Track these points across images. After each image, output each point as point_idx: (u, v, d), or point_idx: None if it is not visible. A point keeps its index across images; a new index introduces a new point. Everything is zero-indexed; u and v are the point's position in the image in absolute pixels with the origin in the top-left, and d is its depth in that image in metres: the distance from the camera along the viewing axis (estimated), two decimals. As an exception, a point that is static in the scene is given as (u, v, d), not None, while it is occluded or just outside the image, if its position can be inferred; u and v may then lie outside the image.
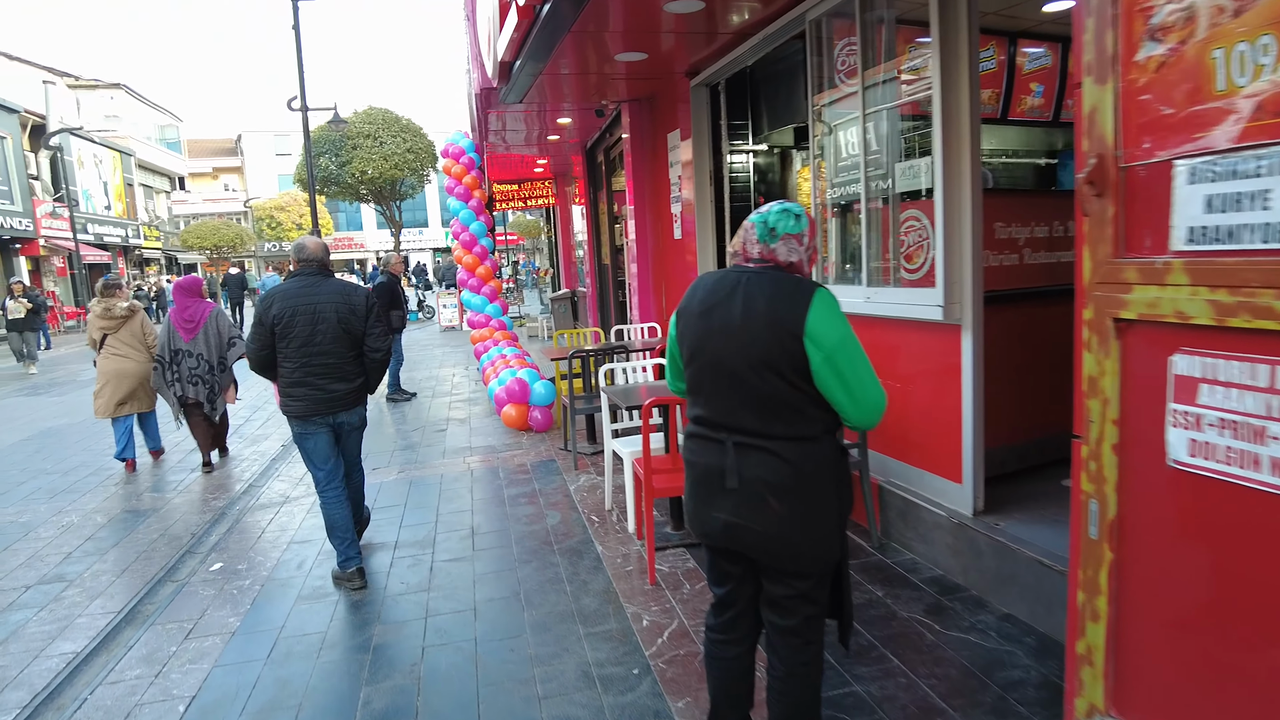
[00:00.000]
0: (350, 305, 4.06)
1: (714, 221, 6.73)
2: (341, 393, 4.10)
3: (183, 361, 6.50)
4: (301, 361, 3.97)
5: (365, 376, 4.23)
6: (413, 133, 21.92)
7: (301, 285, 4.04)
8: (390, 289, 9.46)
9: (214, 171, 55.90)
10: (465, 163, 11.49)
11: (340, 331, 4.01)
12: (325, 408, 4.08)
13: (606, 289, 11.51)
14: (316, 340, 3.97)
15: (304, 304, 3.97)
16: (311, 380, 4.01)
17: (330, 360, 4.02)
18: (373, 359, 4.18)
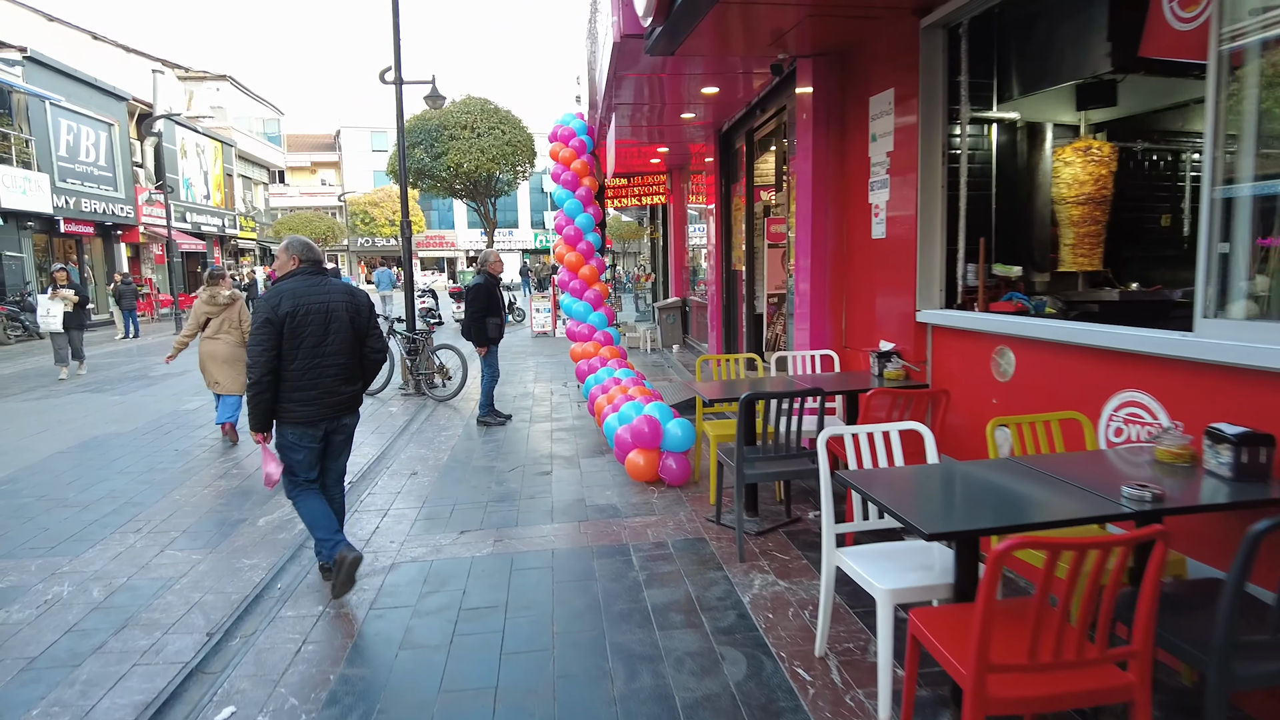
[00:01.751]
0: (356, 304, 4.07)
1: (943, 217, 4.82)
2: (349, 395, 4.09)
3: None
4: (314, 362, 3.90)
5: (364, 377, 4.21)
6: (511, 124, 20.60)
7: (310, 283, 3.97)
8: (487, 292, 7.86)
9: (312, 166, 56.70)
10: (575, 146, 9.83)
11: (350, 331, 4.01)
12: (333, 411, 4.02)
13: (735, 300, 9.66)
14: (329, 340, 3.92)
15: (317, 302, 3.91)
16: (324, 382, 3.94)
17: (342, 360, 4.00)
18: (372, 360, 4.22)
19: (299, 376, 3.85)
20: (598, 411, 7.04)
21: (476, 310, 7.77)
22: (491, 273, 8.00)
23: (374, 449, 7.37)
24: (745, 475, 4.33)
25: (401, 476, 6.36)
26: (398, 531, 5.06)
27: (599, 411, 6.98)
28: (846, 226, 5.78)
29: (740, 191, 9.06)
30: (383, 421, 8.66)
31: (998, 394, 4.28)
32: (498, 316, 7.92)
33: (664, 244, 14.91)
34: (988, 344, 4.33)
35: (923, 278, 4.84)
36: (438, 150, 19.54)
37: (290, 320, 3.81)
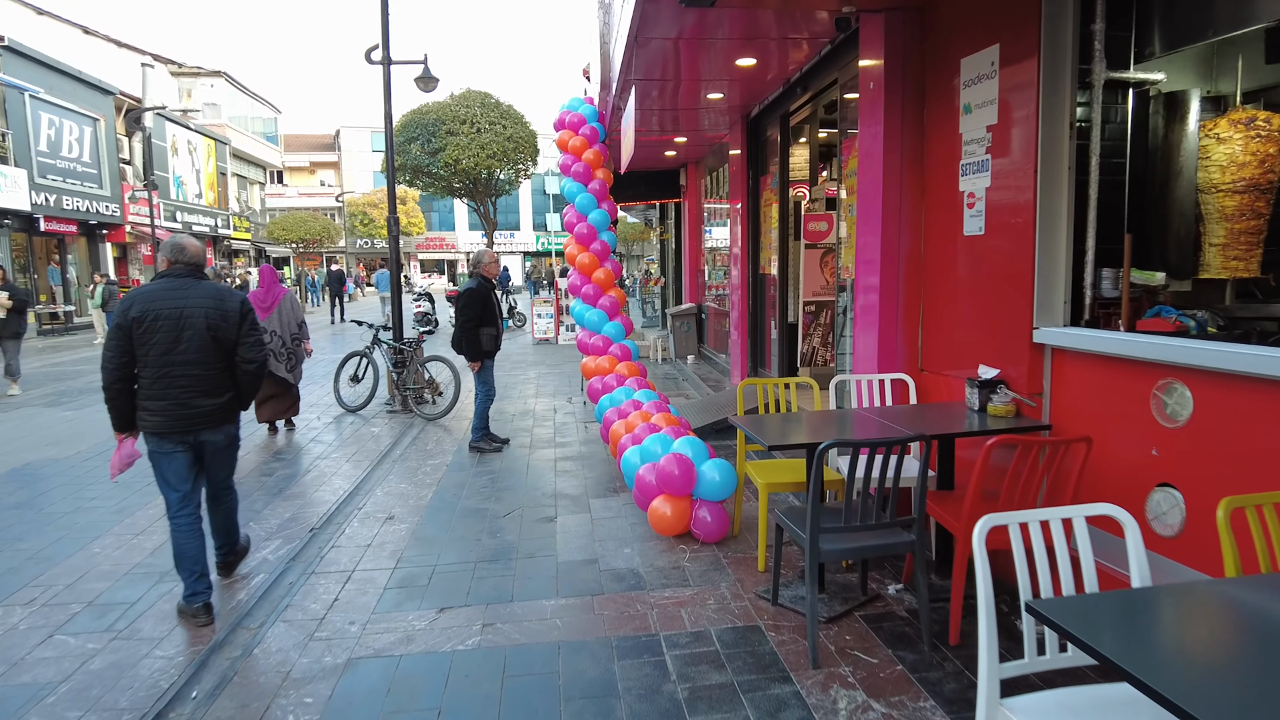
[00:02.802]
0: (223, 310, 3.82)
1: (1070, 208, 3.71)
2: (206, 409, 3.80)
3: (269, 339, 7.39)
4: (163, 371, 3.70)
5: (236, 391, 3.96)
6: (513, 120, 19.50)
7: (167, 287, 3.77)
8: (482, 297, 6.76)
9: (311, 166, 55.68)
10: (586, 134, 8.74)
11: (209, 340, 3.78)
12: (184, 425, 3.76)
13: (762, 307, 8.56)
14: (180, 348, 3.72)
15: (169, 307, 3.71)
16: (172, 393, 3.72)
17: (195, 371, 3.76)
18: (245, 370, 3.94)
19: (148, 385, 3.71)
20: (613, 440, 5.92)
21: (468, 319, 6.68)
22: (486, 275, 6.89)
23: (347, 481, 6.26)
24: (821, 551, 3.22)
25: (375, 522, 5.26)
26: (361, 606, 3.95)
27: (615, 440, 5.87)
28: (926, 220, 4.67)
29: (771, 185, 7.96)
30: (363, 444, 7.56)
31: (1161, 443, 3.17)
32: (493, 326, 6.82)
33: (676, 245, 13.81)
34: (1147, 375, 3.22)
35: (1042, 285, 3.73)
36: (435, 146, 18.44)
37: (138, 326, 3.65)
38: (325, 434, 8.09)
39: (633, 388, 6.50)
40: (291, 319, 7.79)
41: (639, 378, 6.78)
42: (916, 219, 4.71)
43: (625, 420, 5.79)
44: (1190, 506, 3.05)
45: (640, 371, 7.15)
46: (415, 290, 23.43)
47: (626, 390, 6.46)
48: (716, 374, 10.45)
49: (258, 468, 6.72)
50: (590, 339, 7.71)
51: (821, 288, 7.67)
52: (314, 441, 7.74)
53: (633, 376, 6.81)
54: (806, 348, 7.74)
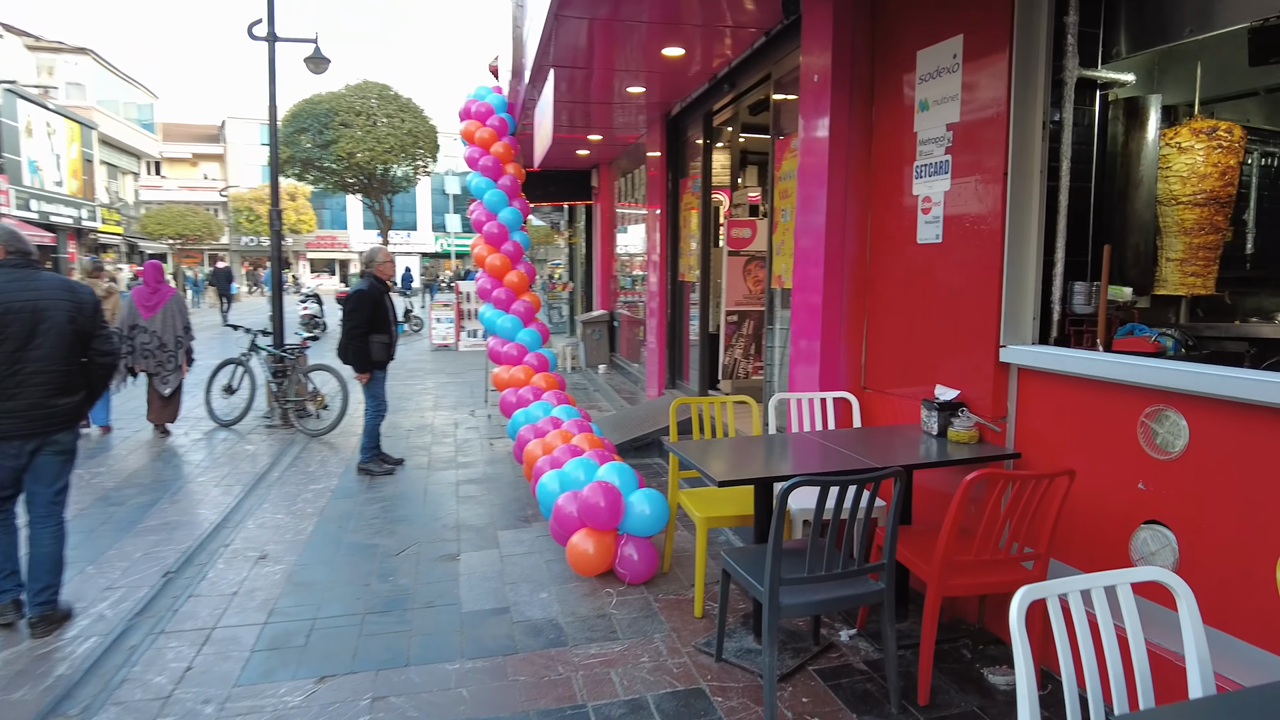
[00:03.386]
0: (78, 303, 3.59)
1: (1041, 217, 3.38)
2: (64, 408, 3.56)
3: (137, 336, 7.23)
4: (14, 369, 3.40)
5: (88, 388, 3.71)
6: (413, 113, 18.47)
7: (10, 279, 3.44)
8: (373, 301, 6.02)
9: (193, 158, 52.16)
10: (495, 125, 8.10)
11: (69, 334, 3.54)
12: (42, 426, 3.49)
13: (682, 316, 8.12)
14: (36, 343, 3.44)
15: (20, 300, 3.41)
16: (28, 392, 3.44)
17: (55, 368, 3.50)
18: (101, 365, 3.74)
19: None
20: (528, 461, 5.32)
21: (356, 324, 5.93)
22: (380, 276, 6.16)
23: (214, 510, 5.41)
24: (782, 608, 2.74)
25: (245, 562, 4.48)
26: (220, 676, 3.22)
27: (530, 462, 5.27)
28: (872, 226, 4.30)
29: (692, 188, 7.54)
30: (236, 464, 6.66)
31: (1149, 476, 2.85)
32: (385, 334, 6.09)
33: (587, 250, 13.27)
34: (1134, 401, 2.91)
35: (1011, 299, 3.39)
36: (327, 138, 17.25)
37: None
38: (193, 452, 7.13)
39: (551, 402, 5.91)
40: (178, 321, 7.49)
41: (558, 391, 6.20)
42: (862, 225, 4.34)
43: (543, 440, 5.20)
44: (1185, 546, 2.74)
45: (559, 384, 6.56)
46: (303, 291, 22.00)
47: (544, 405, 5.87)
48: (630, 385, 9.96)
49: (106, 495, 5.77)
50: (503, 347, 7.06)
51: (744, 297, 7.29)
52: (179, 461, 6.78)
53: (551, 390, 6.21)
54: (728, 359, 7.33)
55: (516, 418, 6.00)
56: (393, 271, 6.23)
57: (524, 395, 6.18)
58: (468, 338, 14.37)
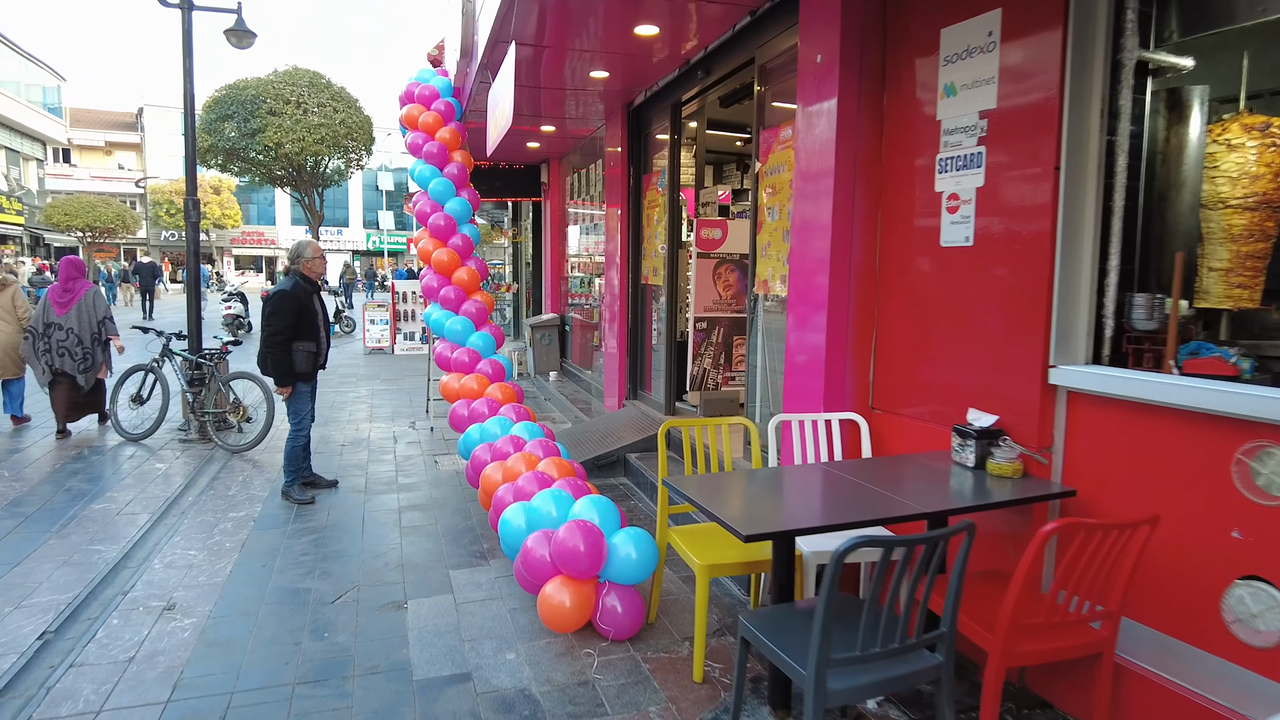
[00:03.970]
0: None
1: (1098, 212, 2.95)
2: None
3: (53, 334, 7.07)
4: None
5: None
6: (347, 103, 17.42)
7: None
8: (295, 302, 5.27)
9: (107, 146, 49.35)
10: (441, 110, 7.41)
11: None
12: None
13: (644, 322, 7.57)
14: None
15: None
16: None
17: None
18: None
19: None
20: (486, 488, 4.68)
21: (277, 329, 5.19)
22: (307, 274, 5.44)
23: (113, 546, 4.63)
24: (830, 694, 2.21)
25: (147, 615, 3.75)
26: (102, 784, 2.53)
27: (488, 489, 4.63)
28: (883, 226, 3.82)
29: (658, 185, 6.99)
30: (144, 486, 5.84)
31: (1246, 523, 2.43)
32: (312, 341, 5.37)
33: (535, 249, 12.59)
34: (1226, 435, 2.48)
35: (1062, 313, 2.94)
36: (253, 126, 16.10)
37: None
38: (93, 471, 6.25)
39: (510, 418, 5.28)
40: (93, 316, 7.23)
41: (517, 405, 5.55)
42: (871, 225, 3.87)
43: (503, 465, 4.57)
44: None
45: (517, 396, 5.92)
46: (226, 290, 20.69)
47: (502, 421, 5.23)
48: (585, 394, 9.36)
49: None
50: (453, 353, 6.35)
51: (714, 302, 6.78)
52: (75, 482, 5.91)
53: (509, 403, 5.57)
54: (697, 369, 6.82)
55: (470, 435, 5.35)
56: (323, 269, 5.50)
57: (478, 409, 5.53)
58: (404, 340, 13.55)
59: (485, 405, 5.52)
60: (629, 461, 6.16)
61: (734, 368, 6.94)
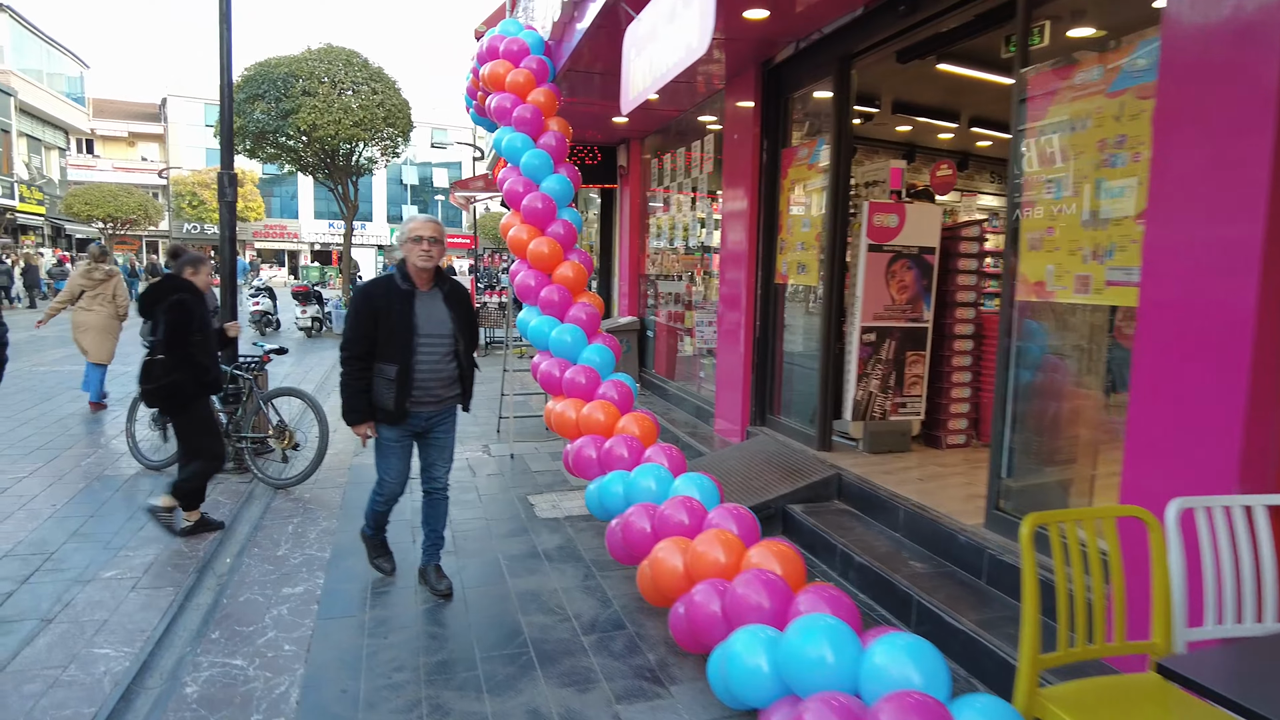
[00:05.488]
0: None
1: None
2: None
3: None
4: None
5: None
6: (385, 84, 16.10)
7: None
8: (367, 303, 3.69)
9: (130, 137, 48.45)
10: (533, 68, 6.02)
11: None
12: None
13: (773, 331, 6.16)
14: None
15: None
16: None
17: None
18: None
19: None
20: (662, 583, 3.25)
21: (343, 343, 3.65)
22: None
23: (118, 651, 3.27)
24: None
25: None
26: None
27: (665, 584, 3.22)
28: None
29: (807, 160, 5.58)
30: (167, 542, 4.49)
31: None
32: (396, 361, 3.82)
33: (604, 243, 11.21)
34: None
35: None
36: (285, 107, 14.81)
37: None
38: (102, 516, 4.91)
39: (663, 463, 3.87)
40: None
41: (669, 449, 4.10)
42: None
43: (688, 549, 3.16)
44: None
45: (657, 429, 4.48)
46: (253, 285, 19.46)
47: (656, 472, 3.80)
48: (677, 411, 7.93)
49: (-56, 611, 3.57)
50: (564, 372, 4.92)
51: (886, 308, 5.36)
52: (77, 537, 4.56)
53: (657, 446, 4.14)
54: (861, 393, 5.39)
55: (608, 488, 3.95)
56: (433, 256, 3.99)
57: (614, 452, 4.11)
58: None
59: (624, 446, 4.10)
60: (791, 516, 4.75)
61: (906, 392, 5.52)
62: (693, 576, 3.05)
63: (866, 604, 3.89)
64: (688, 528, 3.38)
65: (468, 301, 3.83)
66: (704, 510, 3.40)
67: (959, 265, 5.61)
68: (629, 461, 4.02)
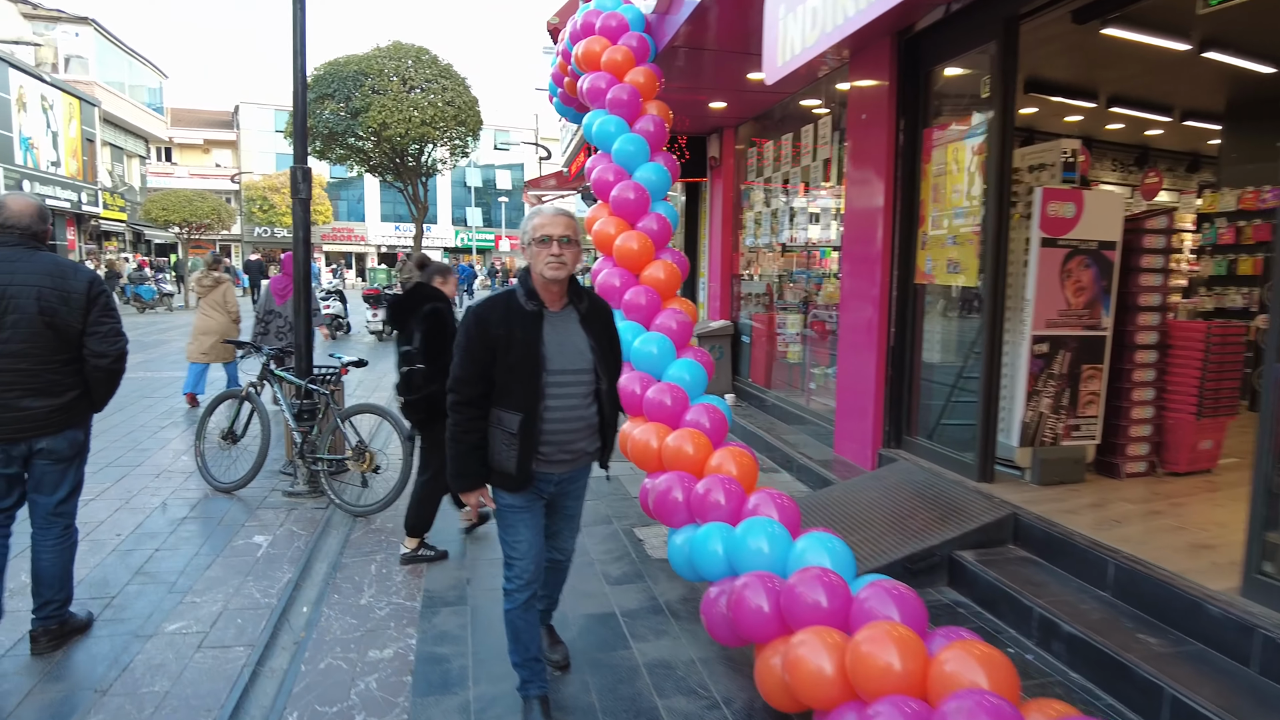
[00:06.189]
0: (63, 291, 3.06)
1: None
2: (39, 412, 3.07)
3: (273, 320, 8.11)
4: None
5: (83, 390, 3.20)
6: (454, 81, 15.64)
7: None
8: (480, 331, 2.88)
9: (205, 144, 49.78)
10: (633, 46, 5.36)
11: (41, 325, 3.02)
12: (13, 430, 3.04)
13: (911, 339, 5.35)
14: (3, 335, 2.98)
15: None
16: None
17: (22, 365, 3.02)
18: (95, 366, 3.17)
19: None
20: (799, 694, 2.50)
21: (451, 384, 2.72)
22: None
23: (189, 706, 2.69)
24: None
25: None
26: None
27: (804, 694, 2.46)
28: None
29: (964, 138, 4.77)
30: (234, 581, 3.95)
31: None
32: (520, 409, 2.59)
33: (688, 240, 10.48)
34: None
35: None
36: (355, 106, 14.46)
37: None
38: (166, 552, 4.40)
39: (772, 516, 3.14)
40: None
41: (780, 496, 3.32)
42: None
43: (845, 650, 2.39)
44: None
45: (755, 467, 3.73)
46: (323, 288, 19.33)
47: (768, 530, 3.01)
48: (782, 426, 7.14)
49: None
50: (648, 390, 4.23)
51: (1061, 313, 4.52)
52: (141, 576, 4.05)
53: (762, 490, 3.37)
54: (1030, 413, 4.56)
55: (702, 546, 3.18)
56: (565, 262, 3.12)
57: (708, 496, 3.36)
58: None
59: (720, 491, 3.35)
60: (961, 566, 3.96)
61: (1080, 412, 4.66)
62: (857, 686, 2.31)
63: (1083, 687, 3.09)
64: (826, 612, 2.61)
65: (612, 323, 2.95)
66: (845, 588, 2.64)
67: (1142, 263, 4.73)
68: (727, 510, 3.28)
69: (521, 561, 2.77)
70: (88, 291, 3.11)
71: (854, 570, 2.91)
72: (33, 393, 3.04)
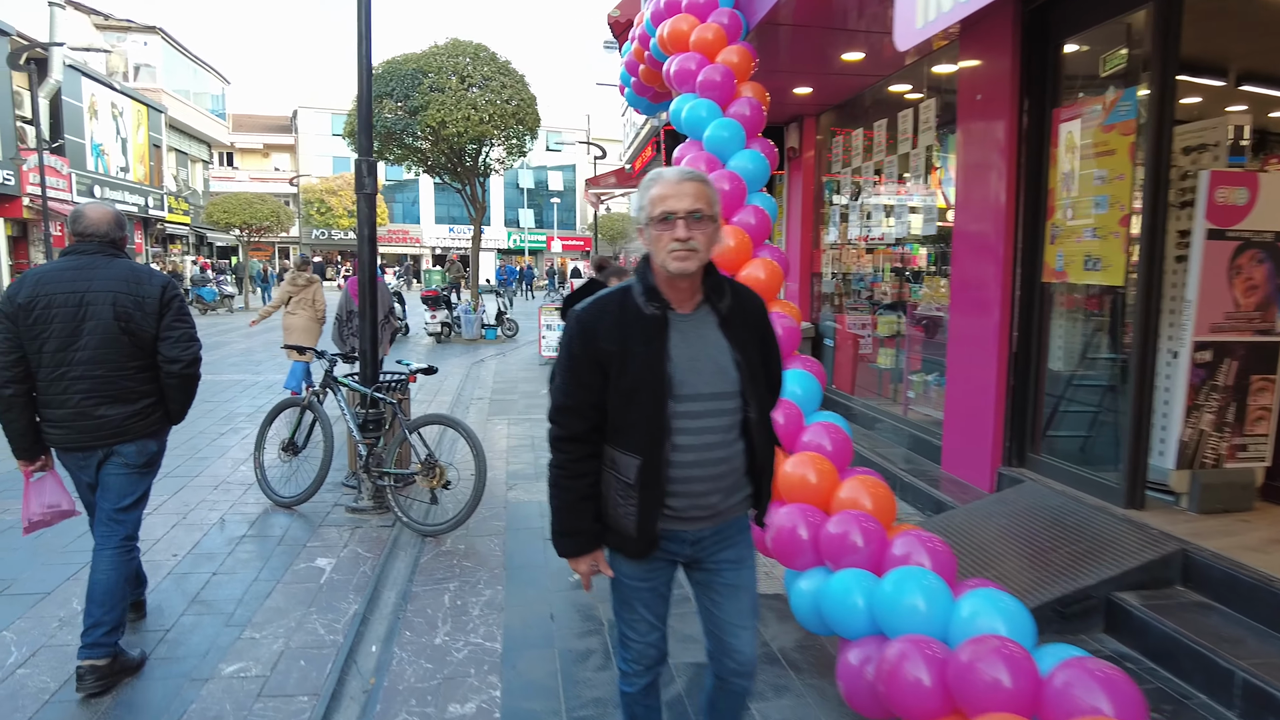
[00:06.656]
0: (137, 297, 3.03)
1: None
2: (115, 419, 3.04)
3: (353, 320, 7.57)
4: (59, 372, 2.96)
5: (158, 397, 3.15)
6: (513, 78, 15.35)
7: (67, 266, 3.02)
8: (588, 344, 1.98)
9: (264, 149, 50.77)
10: (724, 24, 4.89)
11: (116, 332, 3.00)
12: (90, 438, 3.02)
13: (1037, 345, 4.76)
14: (79, 343, 2.96)
15: (65, 291, 2.97)
16: (71, 399, 2.97)
17: (98, 372, 2.99)
18: (169, 373, 3.11)
19: (44, 389, 2.98)
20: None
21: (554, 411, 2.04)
22: (651, 275, 3.05)
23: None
24: None
25: None
26: None
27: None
28: None
29: (1100, 119, 4.19)
30: (296, 613, 3.59)
31: None
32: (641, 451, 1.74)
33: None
34: None
35: None
36: (413, 104, 14.28)
37: (25, 315, 2.91)
38: (224, 575, 4.08)
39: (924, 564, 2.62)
40: (380, 305, 7.00)
41: (927, 539, 2.81)
42: None
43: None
44: None
45: (893, 501, 3.20)
46: (384, 288, 19.27)
47: (926, 587, 2.48)
48: (883, 438, 6.56)
49: None
50: None
51: (1228, 315, 3.91)
52: (195, 609, 3.72)
53: (904, 534, 2.84)
54: (1190, 431, 3.95)
55: (837, 597, 2.68)
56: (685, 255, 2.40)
57: (844, 536, 2.82)
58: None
59: (856, 530, 2.82)
60: (1123, 611, 3.40)
61: (1248, 430, 4.04)
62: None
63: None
64: (1010, 693, 2.09)
65: (767, 326, 2.17)
66: (1030, 662, 2.12)
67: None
68: (866, 555, 2.75)
69: (640, 645, 2.15)
70: (160, 296, 3.08)
71: (1034, 637, 2.39)
72: (109, 400, 3.02)
